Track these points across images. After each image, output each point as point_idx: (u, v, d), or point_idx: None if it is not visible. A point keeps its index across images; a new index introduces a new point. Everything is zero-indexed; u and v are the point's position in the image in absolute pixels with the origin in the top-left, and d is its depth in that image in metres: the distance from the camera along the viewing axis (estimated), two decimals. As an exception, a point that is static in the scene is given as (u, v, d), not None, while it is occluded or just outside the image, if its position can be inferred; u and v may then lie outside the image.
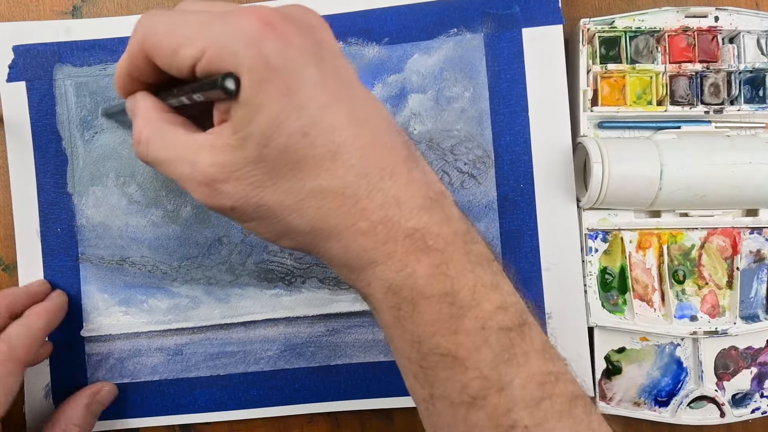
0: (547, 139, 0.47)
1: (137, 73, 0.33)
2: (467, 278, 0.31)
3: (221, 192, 0.30)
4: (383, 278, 0.31)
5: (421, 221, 0.31)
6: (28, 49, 0.47)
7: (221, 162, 0.29)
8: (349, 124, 0.29)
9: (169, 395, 0.48)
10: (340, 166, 0.29)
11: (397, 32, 0.47)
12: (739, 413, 0.47)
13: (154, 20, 0.30)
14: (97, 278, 0.47)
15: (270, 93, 0.27)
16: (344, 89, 0.30)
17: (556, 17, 0.47)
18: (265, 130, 0.28)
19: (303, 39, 0.29)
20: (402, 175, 0.31)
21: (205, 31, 0.28)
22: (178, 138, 0.31)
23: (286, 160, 0.29)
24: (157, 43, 0.30)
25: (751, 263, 0.48)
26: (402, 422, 0.49)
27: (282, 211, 0.30)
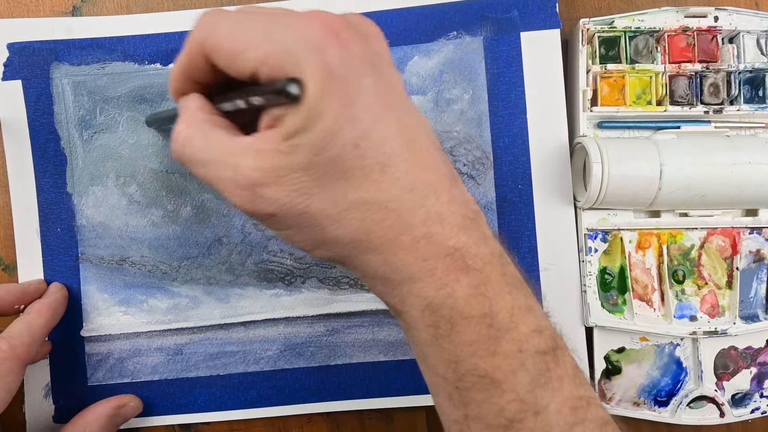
0: (544, 140, 0.47)
1: (194, 73, 0.32)
2: (505, 300, 0.31)
3: (263, 197, 0.29)
4: (422, 295, 0.31)
5: (461, 240, 0.31)
6: (23, 47, 0.47)
7: (267, 166, 0.29)
8: (398, 137, 0.29)
9: (169, 395, 0.48)
10: (387, 179, 0.29)
11: (397, 34, 0.47)
12: (739, 413, 0.47)
13: (215, 20, 0.30)
14: (97, 278, 0.47)
15: (331, 101, 0.27)
16: (395, 101, 0.30)
17: (553, 21, 0.47)
18: (320, 139, 0.28)
19: (363, 48, 0.29)
20: (444, 192, 0.31)
21: (269, 36, 0.28)
22: (221, 140, 0.30)
23: (334, 169, 0.28)
24: (219, 44, 0.29)
25: (750, 263, 0.48)
26: (402, 422, 0.49)
27: (324, 220, 0.30)
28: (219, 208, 0.47)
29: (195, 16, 0.47)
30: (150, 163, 0.47)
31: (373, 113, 0.28)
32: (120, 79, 0.47)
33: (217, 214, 0.47)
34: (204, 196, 0.47)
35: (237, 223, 0.47)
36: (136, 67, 0.47)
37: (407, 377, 0.48)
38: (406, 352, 0.48)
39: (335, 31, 0.28)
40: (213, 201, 0.47)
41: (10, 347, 0.40)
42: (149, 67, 0.47)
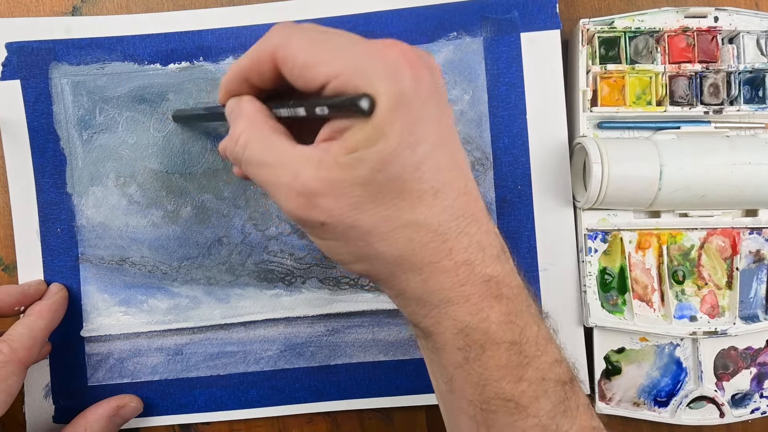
0: (544, 141, 0.47)
1: (255, 77, 0.33)
2: (532, 329, 0.33)
3: (317, 206, 0.30)
4: (457, 318, 0.32)
5: (496, 269, 0.32)
6: (22, 47, 0.47)
7: (326, 177, 0.29)
8: (451, 167, 0.31)
9: (169, 395, 0.48)
10: (438, 204, 0.31)
11: (397, 35, 0.47)
12: (739, 413, 0.47)
13: (293, 32, 0.31)
14: (97, 278, 0.47)
15: (398, 122, 0.28)
16: (451, 134, 0.32)
17: (553, 22, 0.47)
18: (383, 157, 0.29)
19: (430, 79, 0.30)
20: (483, 223, 0.32)
21: (345, 55, 0.29)
22: (283, 146, 0.31)
23: (392, 188, 0.30)
24: (293, 55, 0.30)
25: (750, 263, 0.48)
26: (402, 422, 0.49)
27: (372, 237, 0.31)
28: (219, 208, 0.47)
29: (194, 16, 0.47)
30: (150, 163, 0.47)
31: (434, 141, 0.30)
32: (119, 79, 0.47)
33: (217, 215, 0.47)
34: (204, 197, 0.47)
35: (237, 223, 0.47)
36: (135, 67, 0.47)
37: (407, 377, 0.48)
38: (405, 352, 0.48)
39: (411, 60, 0.29)
40: (213, 201, 0.47)
41: (11, 350, 0.41)
42: (149, 67, 0.47)
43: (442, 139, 0.30)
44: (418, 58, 0.29)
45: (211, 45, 0.47)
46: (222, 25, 0.47)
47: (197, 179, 0.47)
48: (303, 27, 0.31)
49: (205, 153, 0.47)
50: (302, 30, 0.31)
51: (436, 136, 0.30)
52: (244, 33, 0.47)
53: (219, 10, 0.48)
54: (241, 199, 0.47)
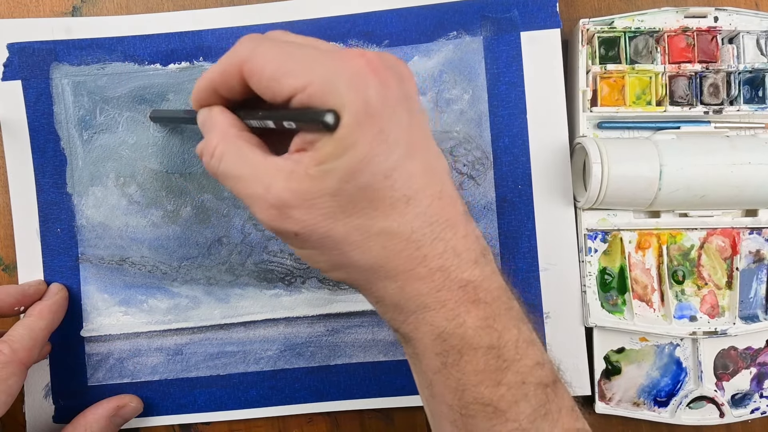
0: (544, 141, 0.47)
1: (224, 88, 0.34)
2: (511, 333, 0.33)
3: (290, 217, 0.31)
4: (434, 324, 0.32)
5: (474, 274, 0.32)
6: (23, 48, 0.47)
7: (297, 188, 0.30)
8: (424, 173, 0.31)
9: (169, 395, 0.48)
10: (411, 211, 0.31)
11: (397, 35, 0.47)
12: (739, 413, 0.47)
13: (260, 45, 0.31)
14: (97, 278, 0.47)
15: (364, 133, 0.28)
16: (423, 141, 0.32)
17: (553, 21, 0.47)
18: (351, 167, 0.29)
19: (398, 88, 0.30)
20: (460, 228, 0.32)
21: (311, 66, 0.29)
22: (256, 158, 0.32)
23: (363, 197, 0.30)
24: (260, 67, 0.31)
25: (750, 263, 0.48)
26: (402, 422, 0.49)
27: (346, 246, 0.31)
28: (219, 208, 0.47)
29: (195, 16, 0.47)
30: (150, 163, 0.47)
31: (404, 148, 0.30)
32: (120, 79, 0.47)
33: (217, 215, 0.47)
34: (204, 197, 0.47)
35: (237, 223, 0.47)
36: (136, 67, 0.47)
37: (407, 377, 0.48)
38: (406, 352, 0.48)
39: (376, 69, 0.29)
40: (213, 201, 0.47)
41: (11, 351, 0.41)
42: (149, 67, 0.47)
43: (413, 146, 0.31)
44: (385, 68, 0.29)
45: (211, 45, 0.47)
46: (222, 25, 0.47)
47: (197, 179, 0.47)
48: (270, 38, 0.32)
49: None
50: (269, 42, 0.31)
51: (407, 143, 0.30)
52: (243, 33, 0.47)
53: (219, 10, 0.48)
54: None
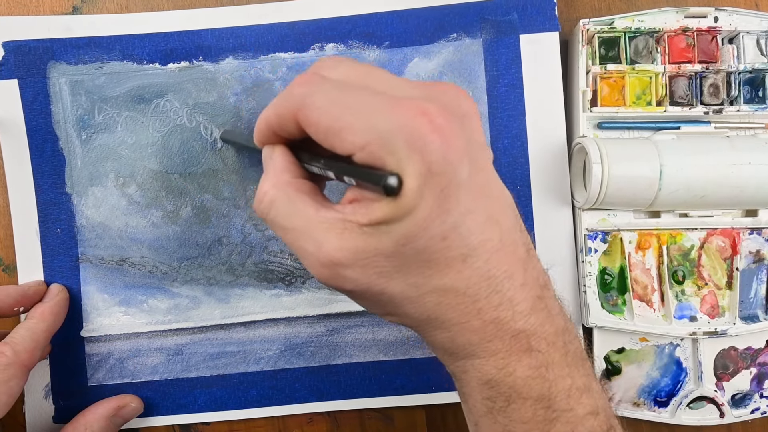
0: (543, 142, 0.47)
1: (282, 132, 0.32)
2: (564, 382, 0.32)
3: (343, 276, 0.30)
4: (482, 371, 0.32)
5: (528, 323, 0.31)
6: (19, 46, 0.47)
7: (350, 247, 0.29)
8: (484, 228, 0.30)
9: (169, 395, 0.48)
10: (467, 268, 0.30)
11: (398, 36, 0.47)
12: (739, 413, 0.47)
13: (313, 92, 0.29)
14: (97, 278, 0.47)
15: (426, 197, 0.27)
16: (485, 188, 0.30)
17: (552, 24, 0.47)
18: (409, 231, 0.28)
19: (461, 137, 0.28)
20: (519, 276, 0.31)
21: (369, 122, 0.28)
22: (306, 211, 0.30)
23: (418, 258, 0.29)
24: (316, 119, 0.29)
25: (750, 264, 0.48)
26: (402, 422, 0.49)
27: (400, 301, 0.31)
28: (219, 208, 0.47)
29: (194, 15, 0.47)
30: (149, 163, 0.47)
31: (464, 206, 0.29)
32: (118, 78, 0.47)
33: (217, 215, 0.47)
34: (204, 197, 0.47)
35: (237, 223, 0.47)
36: (134, 66, 0.47)
37: (407, 377, 0.48)
38: (405, 351, 0.48)
39: (436, 124, 0.27)
40: (213, 201, 0.47)
41: (13, 353, 0.41)
42: (148, 66, 0.47)
43: (475, 199, 0.29)
44: (447, 119, 0.27)
45: (210, 45, 0.47)
46: (221, 24, 0.47)
47: (197, 179, 0.47)
48: (325, 84, 0.30)
49: (205, 153, 0.47)
50: (323, 89, 0.30)
51: (469, 199, 0.29)
52: (243, 33, 0.47)
53: (218, 9, 0.48)
54: (241, 199, 0.47)
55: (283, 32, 0.47)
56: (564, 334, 0.33)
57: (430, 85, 0.30)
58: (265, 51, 0.47)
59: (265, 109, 0.33)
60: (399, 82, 0.30)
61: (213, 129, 0.47)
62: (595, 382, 0.34)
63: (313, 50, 0.47)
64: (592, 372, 0.34)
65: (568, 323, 0.34)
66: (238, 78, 0.47)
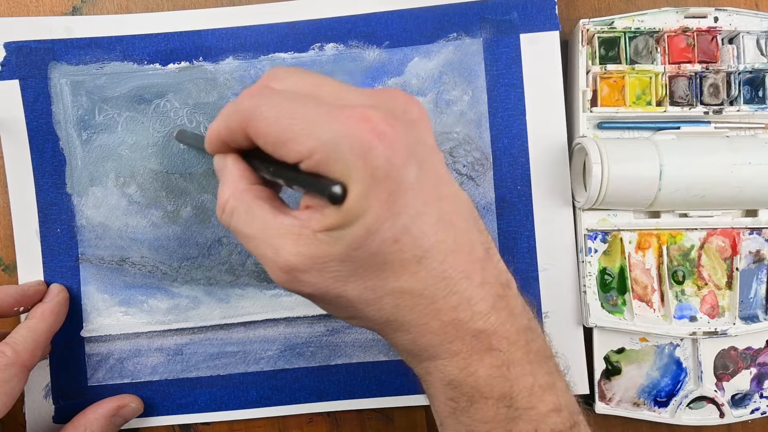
0: (543, 142, 0.47)
1: (233, 143, 0.33)
2: (526, 380, 0.32)
3: (300, 281, 0.30)
4: (444, 372, 0.32)
5: (489, 322, 0.32)
6: (20, 47, 0.47)
7: (305, 253, 0.29)
8: (437, 229, 0.30)
9: (169, 395, 0.48)
10: (422, 269, 0.30)
11: (397, 36, 0.47)
12: (739, 414, 0.47)
13: (261, 103, 0.30)
14: (97, 278, 0.47)
15: (372, 201, 0.28)
16: (436, 190, 0.30)
17: (553, 23, 0.47)
18: (359, 235, 0.28)
19: (407, 142, 0.28)
20: (477, 275, 0.31)
21: (314, 131, 0.28)
22: (264, 217, 0.31)
23: (372, 261, 0.29)
24: (263, 129, 0.30)
25: (750, 264, 0.48)
26: (402, 421, 0.49)
27: (359, 304, 0.31)
28: (219, 208, 0.47)
29: (194, 16, 0.47)
30: (150, 163, 0.47)
31: (414, 208, 0.29)
32: (119, 78, 0.47)
33: (217, 215, 0.47)
34: (204, 197, 0.47)
35: (237, 223, 0.47)
36: (135, 67, 0.47)
37: (407, 377, 0.48)
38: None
39: (381, 131, 0.28)
40: (213, 201, 0.47)
41: (14, 353, 0.41)
42: (148, 67, 0.47)
43: (425, 202, 0.30)
44: (391, 124, 0.28)
45: (210, 45, 0.47)
46: (222, 25, 0.47)
47: (197, 179, 0.47)
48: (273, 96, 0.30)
49: (206, 153, 0.47)
50: (271, 101, 0.30)
51: (419, 201, 0.29)
52: (243, 33, 0.47)
53: (219, 10, 0.48)
54: (241, 199, 0.47)
55: (283, 32, 0.47)
56: (526, 332, 0.33)
57: (378, 92, 0.31)
58: (265, 51, 0.47)
59: (215, 121, 0.33)
60: (347, 91, 0.30)
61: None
62: (560, 380, 0.34)
63: (313, 50, 0.47)
64: (556, 369, 0.34)
65: (532, 322, 0.34)
66: (239, 78, 0.47)
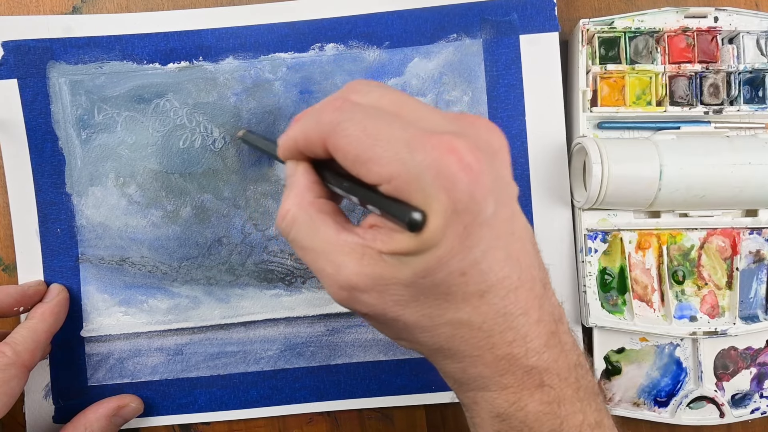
0: (543, 142, 0.48)
1: (308, 152, 0.32)
2: (576, 418, 0.32)
3: (359, 300, 0.30)
4: (494, 404, 0.32)
5: (542, 359, 0.31)
6: (18, 46, 0.47)
7: (368, 273, 0.29)
8: (504, 265, 0.29)
9: (169, 395, 0.48)
10: (484, 304, 0.30)
11: (398, 36, 0.47)
12: (739, 413, 0.47)
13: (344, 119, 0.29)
14: (97, 278, 0.47)
15: (448, 234, 0.27)
16: (509, 225, 0.30)
17: (552, 25, 0.47)
18: (428, 266, 0.28)
19: (489, 176, 0.27)
20: (534, 313, 0.31)
21: (397, 155, 0.27)
22: (327, 232, 0.30)
23: (436, 290, 0.29)
24: (344, 146, 0.28)
25: (750, 264, 0.48)
26: (402, 421, 0.49)
27: (415, 329, 0.31)
28: (219, 208, 0.47)
29: (194, 15, 0.47)
30: (149, 163, 0.47)
31: (485, 243, 0.28)
32: (118, 78, 0.47)
33: (217, 215, 0.47)
34: (204, 197, 0.47)
35: (237, 223, 0.47)
36: (134, 66, 0.47)
37: (407, 376, 0.48)
38: (406, 351, 0.48)
39: (466, 163, 0.27)
40: (213, 201, 0.47)
41: (14, 353, 0.41)
42: (147, 66, 0.47)
43: (496, 237, 0.29)
44: (476, 157, 0.27)
45: (210, 45, 0.47)
46: (221, 24, 0.47)
47: (197, 179, 0.47)
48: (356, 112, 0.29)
49: (205, 153, 0.47)
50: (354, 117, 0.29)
51: (491, 236, 0.29)
52: (243, 33, 0.47)
53: (219, 9, 0.48)
54: (241, 199, 0.47)
55: (283, 32, 0.47)
56: (576, 369, 0.33)
57: (461, 117, 0.30)
58: (265, 51, 0.47)
59: (292, 128, 0.32)
60: (430, 113, 0.30)
61: (213, 129, 0.47)
62: (607, 418, 0.34)
63: (313, 50, 0.47)
64: (603, 407, 0.34)
65: (581, 357, 0.34)
66: (239, 78, 0.47)
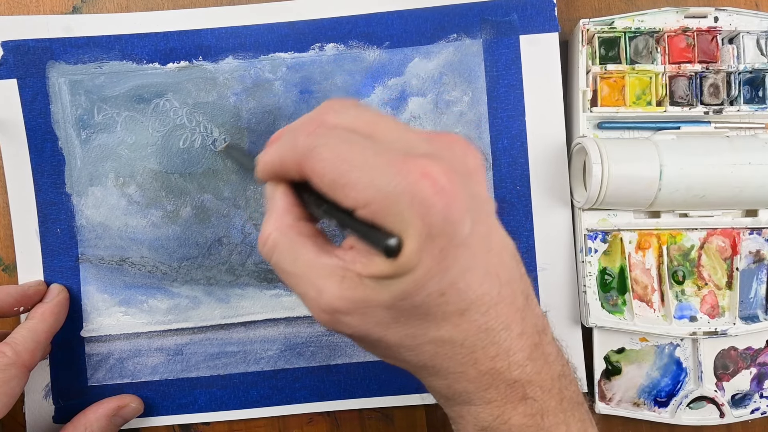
0: (543, 142, 0.48)
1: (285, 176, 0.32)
2: (559, 429, 0.33)
3: (342, 322, 0.30)
4: (478, 418, 0.32)
5: (525, 372, 0.32)
6: (18, 46, 0.47)
7: (349, 297, 0.29)
8: (482, 281, 0.30)
9: (169, 395, 0.48)
10: (465, 321, 0.30)
11: (398, 36, 0.47)
12: (739, 414, 0.47)
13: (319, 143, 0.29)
14: (97, 278, 0.47)
15: (425, 257, 0.27)
16: (486, 242, 0.30)
17: (552, 25, 0.47)
18: (406, 289, 0.28)
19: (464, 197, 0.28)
20: (516, 326, 0.31)
21: (372, 180, 0.27)
22: (308, 255, 0.30)
23: (416, 312, 0.29)
24: (320, 171, 0.29)
25: (750, 264, 0.48)
26: (402, 421, 0.49)
27: (399, 348, 0.31)
28: (219, 208, 0.47)
29: (194, 15, 0.47)
30: (149, 163, 0.47)
31: (462, 263, 0.29)
32: (118, 78, 0.47)
33: (217, 215, 0.47)
34: (204, 197, 0.47)
35: (237, 223, 0.47)
36: (134, 66, 0.47)
37: (407, 376, 0.47)
38: (405, 351, 0.48)
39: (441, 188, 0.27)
40: (213, 201, 0.47)
41: (15, 353, 0.41)
42: (147, 66, 0.47)
43: (474, 255, 0.29)
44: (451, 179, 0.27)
45: (210, 44, 0.47)
46: (221, 24, 0.47)
47: (197, 179, 0.47)
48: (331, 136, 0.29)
49: (205, 153, 0.47)
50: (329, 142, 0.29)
51: (469, 256, 0.29)
52: (243, 32, 0.47)
53: (219, 9, 0.48)
54: (241, 199, 0.47)
55: (283, 32, 0.47)
56: (560, 379, 0.33)
57: (436, 137, 0.30)
58: (265, 51, 0.47)
59: (268, 151, 0.32)
60: (405, 133, 0.30)
61: (213, 129, 0.47)
62: (591, 427, 0.34)
63: (313, 50, 0.47)
64: (587, 417, 0.34)
65: (565, 367, 0.34)
66: (238, 78, 0.47)
